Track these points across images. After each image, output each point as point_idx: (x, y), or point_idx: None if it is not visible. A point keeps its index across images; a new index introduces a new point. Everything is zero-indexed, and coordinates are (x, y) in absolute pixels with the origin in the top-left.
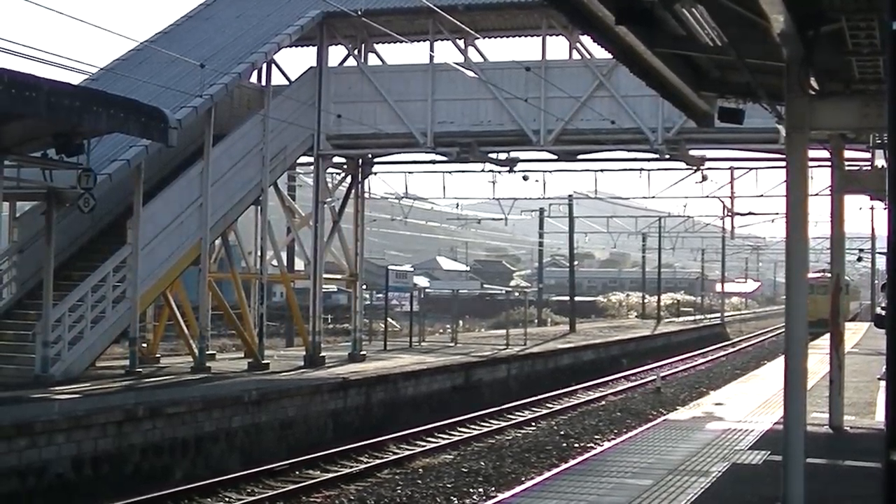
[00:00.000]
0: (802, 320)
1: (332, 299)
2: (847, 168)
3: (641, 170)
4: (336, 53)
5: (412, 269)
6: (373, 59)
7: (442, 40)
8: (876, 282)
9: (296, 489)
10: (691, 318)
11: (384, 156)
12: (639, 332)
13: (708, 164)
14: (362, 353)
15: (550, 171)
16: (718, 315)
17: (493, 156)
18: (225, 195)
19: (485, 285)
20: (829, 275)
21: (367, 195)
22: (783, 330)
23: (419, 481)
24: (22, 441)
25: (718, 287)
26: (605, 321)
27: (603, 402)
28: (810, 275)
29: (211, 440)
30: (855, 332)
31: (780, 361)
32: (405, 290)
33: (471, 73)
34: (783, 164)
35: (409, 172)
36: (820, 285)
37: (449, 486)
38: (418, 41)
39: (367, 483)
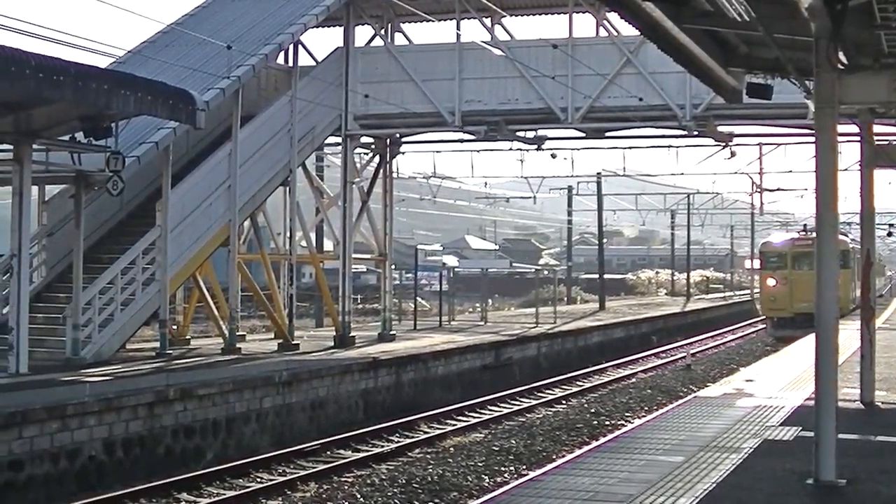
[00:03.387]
0: (833, 296)
1: (361, 279)
2: (876, 143)
3: (669, 146)
4: (362, 33)
5: (441, 249)
6: (399, 39)
7: (468, 19)
8: None
9: (327, 469)
10: (721, 294)
11: (412, 135)
12: (668, 310)
13: (736, 140)
14: (392, 332)
15: (579, 149)
16: (748, 291)
17: (521, 134)
18: (253, 176)
19: (514, 264)
20: (811, 240)
21: (395, 175)
22: None
23: (450, 460)
24: (54, 424)
25: (748, 263)
26: (635, 299)
27: (633, 380)
28: (782, 238)
29: (242, 421)
30: (884, 308)
31: (810, 338)
32: (434, 269)
33: (498, 52)
34: (812, 139)
35: (437, 152)
36: (798, 252)
37: (480, 464)
38: (445, 20)
39: (398, 462)
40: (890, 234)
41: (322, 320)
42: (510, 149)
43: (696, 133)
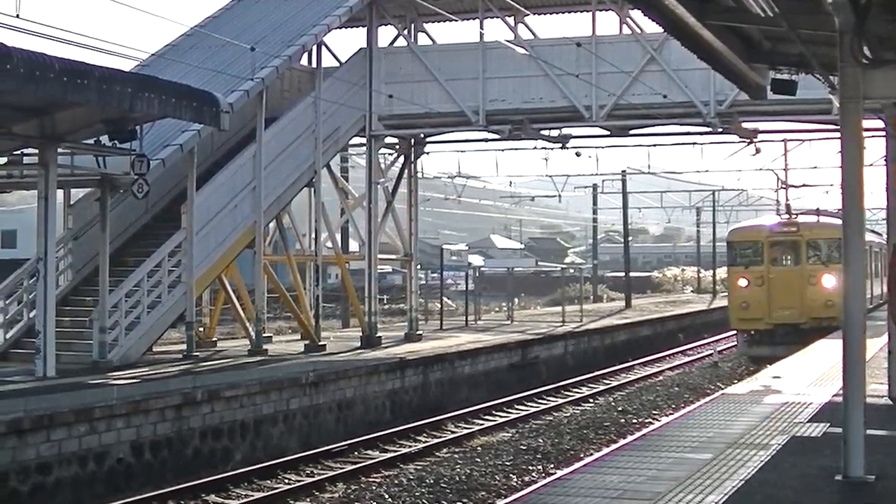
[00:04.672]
0: (860, 291)
1: (387, 280)
2: None
3: (694, 144)
4: (385, 34)
5: (466, 248)
6: (422, 39)
7: (492, 18)
8: None
9: (354, 470)
10: None
11: (436, 135)
12: (695, 307)
13: (761, 137)
14: (418, 332)
15: (603, 147)
16: None
17: (546, 133)
18: (278, 178)
19: (539, 262)
20: (796, 226)
21: (419, 175)
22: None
23: (478, 459)
24: (82, 427)
25: None
26: (661, 296)
27: (660, 378)
28: (757, 223)
29: (269, 422)
30: None
31: (837, 334)
32: (460, 268)
33: (521, 51)
34: (837, 134)
35: (462, 151)
36: (778, 242)
37: (508, 463)
38: (468, 19)
39: (425, 462)
40: None
41: (348, 321)
42: (535, 147)
43: (720, 130)
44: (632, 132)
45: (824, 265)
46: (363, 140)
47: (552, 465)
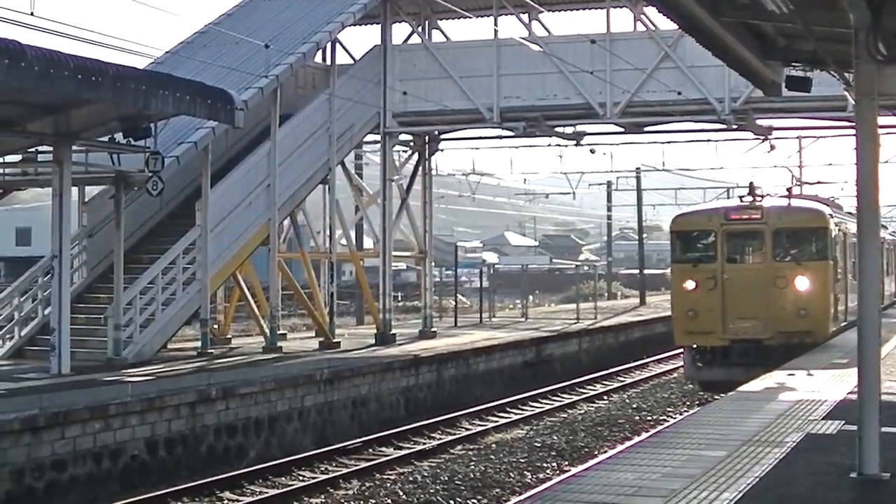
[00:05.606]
0: (875, 289)
1: (401, 277)
2: None
3: (709, 141)
4: (400, 31)
5: (481, 245)
6: (437, 36)
7: (506, 15)
8: None
9: (369, 467)
10: None
11: (451, 132)
12: None
13: (775, 134)
14: (433, 329)
15: (617, 144)
16: None
17: (560, 130)
18: (293, 175)
19: (554, 260)
20: (760, 211)
21: (434, 172)
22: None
23: (492, 457)
24: (96, 424)
25: None
26: None
27: (675, 375)
28: (708, 208)
29: (284, 419)
30: None
31: (852, 331)
32: (474, 266)
33: (535, 48)
34: (852, 131)
35: (476, 148)
36: (736, 231)
37: (522, 460)
38: (482, 16)
39: (440, 459)
40: None
41: (363, 318)
42: (549, 145)
43: (735, 127)
44: (646, 129)
45: (797, 263)
46: (377, 137)
47: (566, 463)
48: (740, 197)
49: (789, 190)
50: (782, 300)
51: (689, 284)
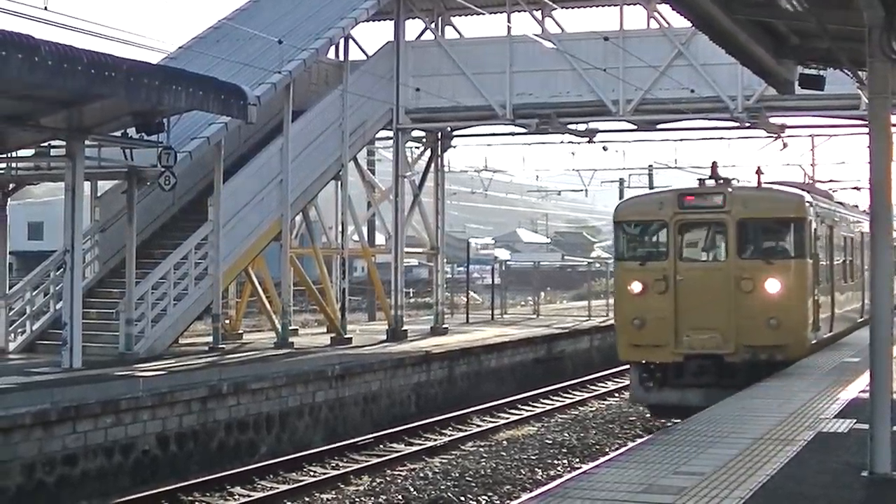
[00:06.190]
0: (888, 287)
1: (413, 273)
2: None
3: (721, 138)
4: (413, 27)
5: (493, 242)
6: (450, 33)
7: (519, 12)
8: None
9: (380, 462)
10: None
11: (463, 129)
12: None
13: (788, 132)
14: (444, 326)
15: (630, 142)
16: None
17: (573, 127)
18: (305, 171)
19: (566, 257)
20: (722, 196)
21: (446, 168)
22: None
23: (503, 453)
24: (108, 419)
25: None
26: None
27: None
28: (657, 197)
29: (295, 415)
30: None
31: (864, 330)
32: (486, 262)
33: (548, 45)
34: (865, 130)
35: (489, 145)
36: (690, 222)
37: (533, 457)
38: (495, 13)
39: (451, 455)
40: None
41: (374, 314)
42: (561, 142)
43: (748, 125)
44: (659, 127)
45: (767, 261)
46: (390, 133)
47: (577, 460)
48: (700, 180)
49: (758, 169)
50: (748, 307)
51: (636, 287)
